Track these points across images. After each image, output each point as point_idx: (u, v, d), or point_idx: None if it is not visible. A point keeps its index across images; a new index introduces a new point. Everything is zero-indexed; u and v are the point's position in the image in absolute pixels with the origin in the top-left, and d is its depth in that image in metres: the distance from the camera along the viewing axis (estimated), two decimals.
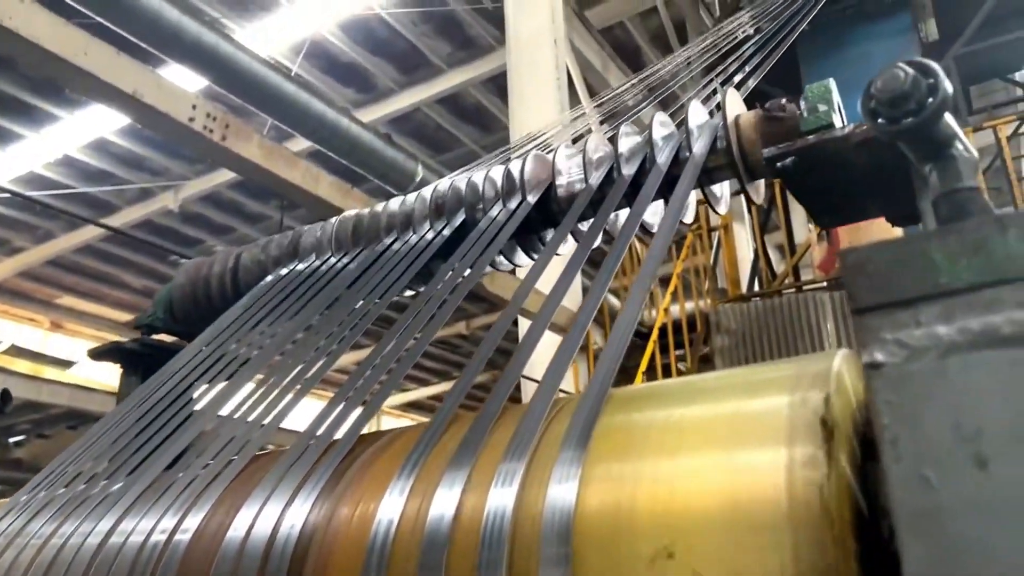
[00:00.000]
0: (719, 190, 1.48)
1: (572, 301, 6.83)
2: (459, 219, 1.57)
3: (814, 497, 0.65)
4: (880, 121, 0.79)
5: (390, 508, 0.86)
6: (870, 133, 1.11)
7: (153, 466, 1.22)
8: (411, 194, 1.77)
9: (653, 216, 1.51)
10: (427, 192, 1.64)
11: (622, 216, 1.55)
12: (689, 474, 0.73)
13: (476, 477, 0.85)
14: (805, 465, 0.67)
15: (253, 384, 1.48)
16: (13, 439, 10.49)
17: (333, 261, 1.66)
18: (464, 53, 13.87)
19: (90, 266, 18.05)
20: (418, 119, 15.26)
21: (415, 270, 1.52)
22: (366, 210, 1.71)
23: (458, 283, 1.45)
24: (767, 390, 0.77)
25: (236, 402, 1.41)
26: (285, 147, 4.78)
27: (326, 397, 1.31)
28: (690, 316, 8.56)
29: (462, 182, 1.60)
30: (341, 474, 0.98)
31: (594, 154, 1.50)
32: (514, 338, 6.54)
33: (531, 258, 1.58)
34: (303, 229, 1.77)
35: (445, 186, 1.62)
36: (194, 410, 1.49)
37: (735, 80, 5.26)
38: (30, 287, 18.72)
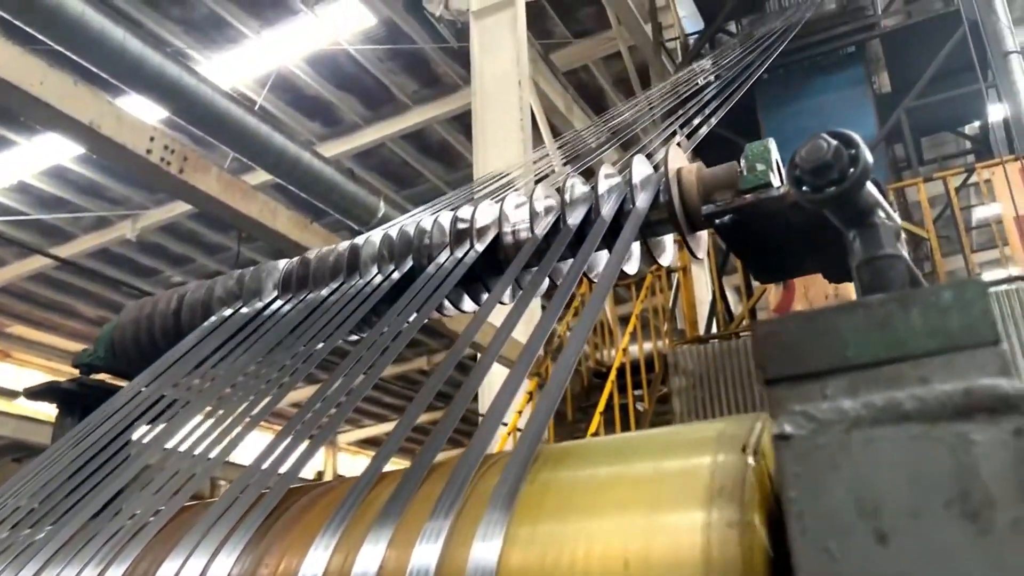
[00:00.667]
0: (663, 241, 1.50)
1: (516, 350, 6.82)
2: (407, 265, 1.57)
3: (732, 560, 0.66)
4: (804, 189, 0.81)
5: (313, 565, 0.85)
6: None
7: (80, 514, 1.18)
8: (360, 237, 1.77)
9: (627, 262, 1.53)
10: (375, 236, 1.64)
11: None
12: (610, 535, 0.73)
13: (403, 534, 0.85)
14: (724, 528, 0.68)
15: (189, 428, 1.45)
16: None
17: (278, 304, 1.65)
18: (430, 91, 13.98)
19: (42, 295, 17.67)
20: (383, 154, 15.31)
21: (360, 315, 1.51)
22: (313, 252, 1.70)
23: (403, 329, 1.45)
24: (691, 451, 0.78)
25: (171, 446, 1.38)
26: (243, 180, 4.75)
27: (275, 430, 1.30)
28: (648, 356, 8.61)
29: (411, 227, 1.60)
30: (268, 528, 0.96)
31: (541, 203, 1.52)
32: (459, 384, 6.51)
33: (477, 305, 1.58)
34: (249, 270, 1.76)
35: (394, 231, 1.62)
36: (129, 454, 1.46)
37: (694, 123, 5.37)
38: None
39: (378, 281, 1.56)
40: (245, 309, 1.70)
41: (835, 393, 0.55)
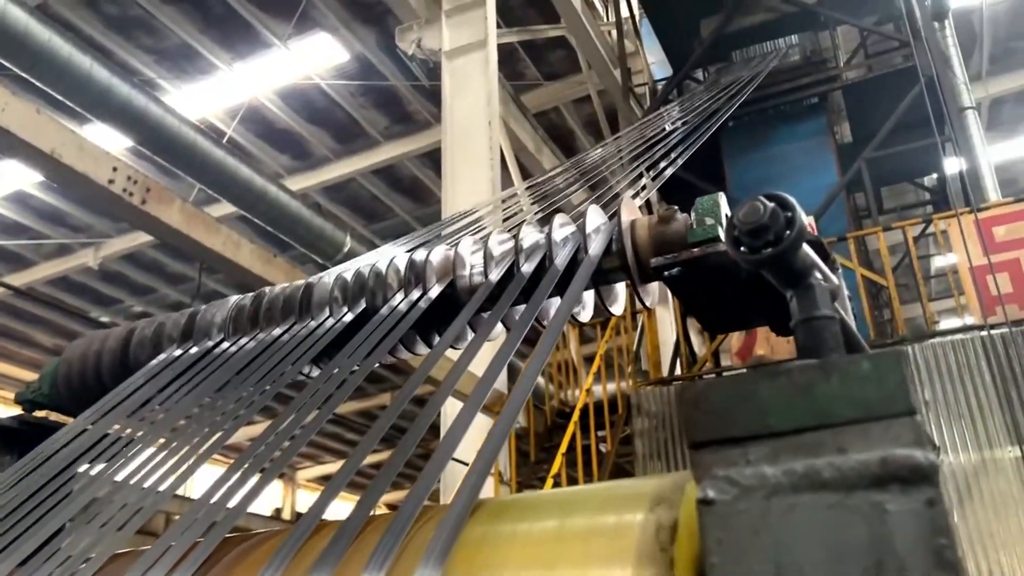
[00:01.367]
0: (615, 290, 1.52)
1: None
2: (360, 307, 1.56)
3: None
4: (742, 250, 0.83)
5: None
6: None
7: (7, 560, 1.15)
8: (315, 276, 1.76)
9: (580, 310, 1.54)
10: (329, 277, 1.63)
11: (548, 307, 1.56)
12: None
13: None
14: None
15: (133, 466, 1.42)
16: None
17: (228, 344, 1.63)
18: (401, 127, 14.06)
19: None
20: (352, 188, 15.31)
21: (310, 357, 1.50)
22: (267, 291, 1.69)
23: (353, 371, 1.44)
24: (625, 508, 0.77)
25: (112, 486, 1.35)
26: (207, 213, 4.72)
27: (228, 463, 1.28)
28: (612, 397, 8.62)
29: (366, 268, 1.60)
30: None
31: (496, 249, 1.53)
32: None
33: (430, 348, 1.58)
34: (201, 308, 1.74)
35: (350, 272, 1.62)
36: (70, 491, 1.42)
37: (660, 166, 5.46)
38: None
39: (330, 323, 1.55)
40: (195, 348, 1.67)
41: (757, 459, 0.56)
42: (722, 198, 1.36)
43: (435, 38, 9.50)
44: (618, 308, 1.50)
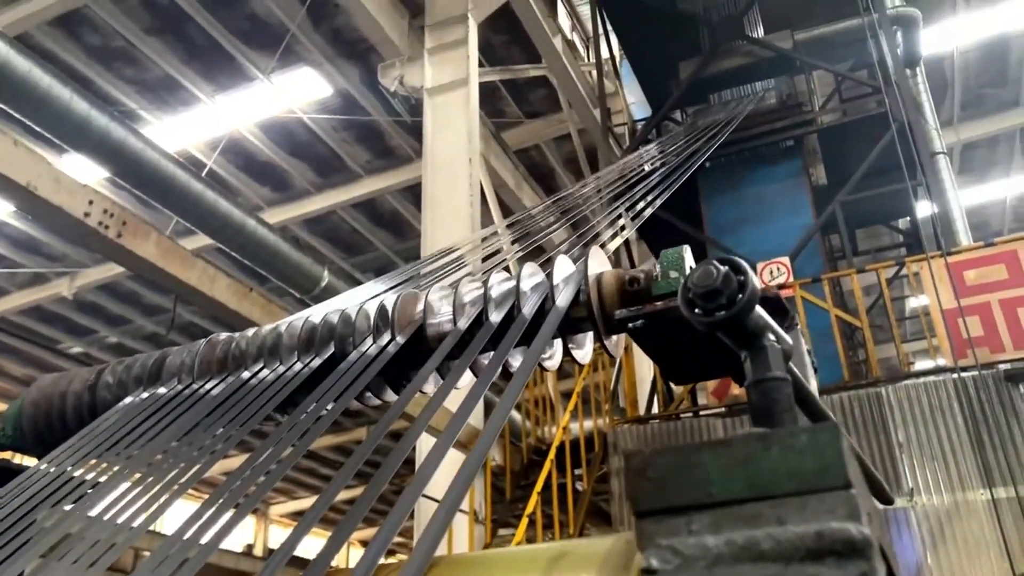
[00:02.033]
0: (583, 339, 1.53)
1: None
2: (328, 351, 1.56)
3: None
4: (696, 311, 0.85)
5: None
6: None
7: None
8: (285, 320, 1.77)
9: (548, 359, 1.55)
10: (299, 322, 1.63)
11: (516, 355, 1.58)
12: None
13: None
14: None
15: (96, 513, 1.41)
16: None
17: (196, 387, 1.62)
18: (383, 161, 14.12)
19: None
20: (333, 221, 15.32)
21: (277, 402, 1.50)
22: (236, 335, 1.69)
23: (320, 416, 1.44)
24: (577, 569, 0.78)
25: (72, 534, 1.33)
26: (183, 247, 4.70)
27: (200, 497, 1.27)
28: (589, 435, 8.61)
29: (335, 315, 1.61)
30: None
31: (465, 297, 1.54)
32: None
33: (398, 395, 1.58)
34: (170, 350, 1.73)
35: (318, 317, 1.63)
36: (29, 538, 1.40)
37: (639, 206, 5.52)
38: None
39: (298, 367, 1.55)
40: (162, 389, 1.67)
41: (700, 529, 0.57)
42: (687, 251, 1.39)
43: (417, 75, 9.60)
44: (585, 357, 1.51)
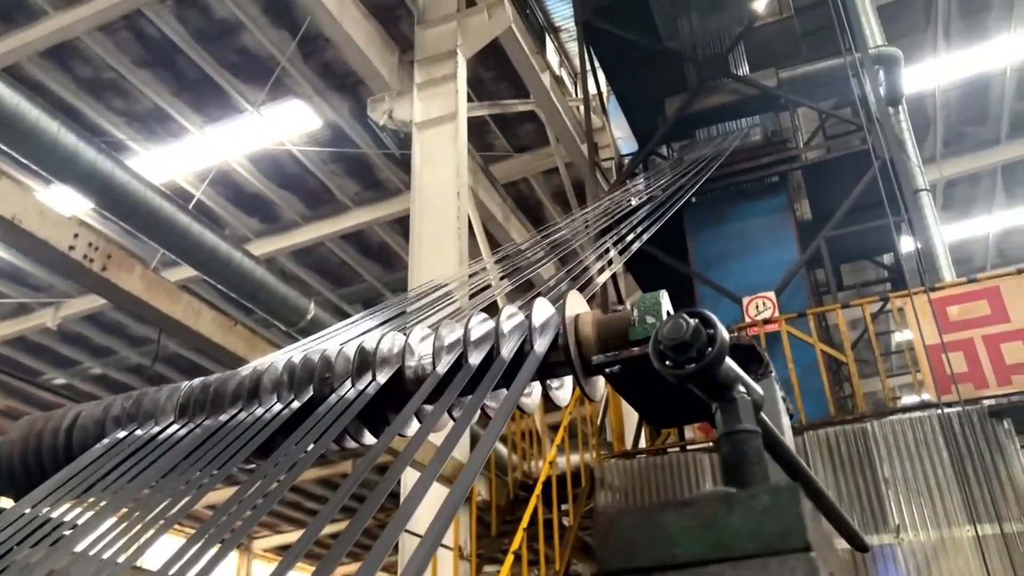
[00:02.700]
0: (564, 381, 1.53)
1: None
2: (307, 394, 1.56)
3: None
4: (667, 363, 0.85)
5: None
6: None
7: None
8: (266, 358, 1.76)
9: (527, 395, 1.55)
10: (279, 362, 1.63)
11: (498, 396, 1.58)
12: None
13: None
14: None
15: (73, 555, 1.39)
16: None
17: (174, 428, 1.62)
18: (372, 193, 14.17)
19: None
20: (321, 253, 15.31)
21: (255, 445, 1.49)
22: (215, 376, 1.68)
23: (299, 459, 1.43)
24: None
25: (56, 570, 1.32)
26: (168, 280, 4.69)
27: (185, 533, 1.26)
28: (576, 470, 8.55)
29: (315, 356, 1.60)
30: None
31: (446, 339, 1.54)
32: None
33: (376, 438, 1.58)
34: (149, 391, 1.73)
35: (298, 357, 1.62)
36: None
37: (626, 240, 5.56)
38: None
39: (277, 409, 1.55)
40: (140, 431, 1.66)
41: None
42: (664, 296, 1.40)
43: (406, 109, 9.67)
44: (564, 399, 1.51)
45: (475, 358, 1.47)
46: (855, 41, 8.94)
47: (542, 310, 1.49)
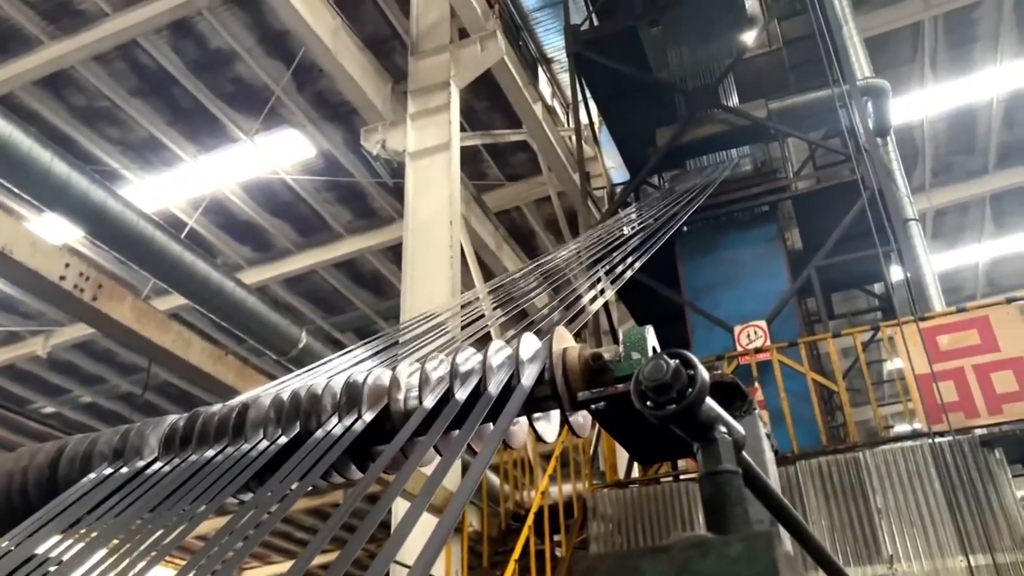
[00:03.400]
0: (551, 416, 1.54)
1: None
2: (294, 430, 1.56)
3: None
4: (648, 404, 0.86)
5: None
6: None
7: None
8: (253, 392, 1.76)
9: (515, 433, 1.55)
10: (266, 397, 1.63)
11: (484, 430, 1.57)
12: None
13: None
14: None
15: None
16: None
17: (160, 464, 1.61)
18: (365, 221, 14.20)
19: None
20: (313, 280, 15.31)
21: (243, 480, 1.49)
22: (203, 410, 1.68)
23: (286, 495, 1.43)
24: None
25: None
26: (158, 310, 4.69)
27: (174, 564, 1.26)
28: (568, 500, 8.50)
29: (302, 391, 1.60)
30: None
31: (433, 373, 1.55)
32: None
33: (363, 473, 1.57)
34: (135, 425, 1.72)
35: (285, 392, 1.62)
36: None
37: (618, 270, 5.57)
38: None
39: (263, 445, 1.54)
40: (126, 467, 1.65)
41: None
42: (650, 331, 1.41)
43: (400, 139, 9.72)
44: (551, 434, 1.51)
45: (462, 393, 1.48)
46: (843, 73, 9.04)
47: (529, 345, 1.50)
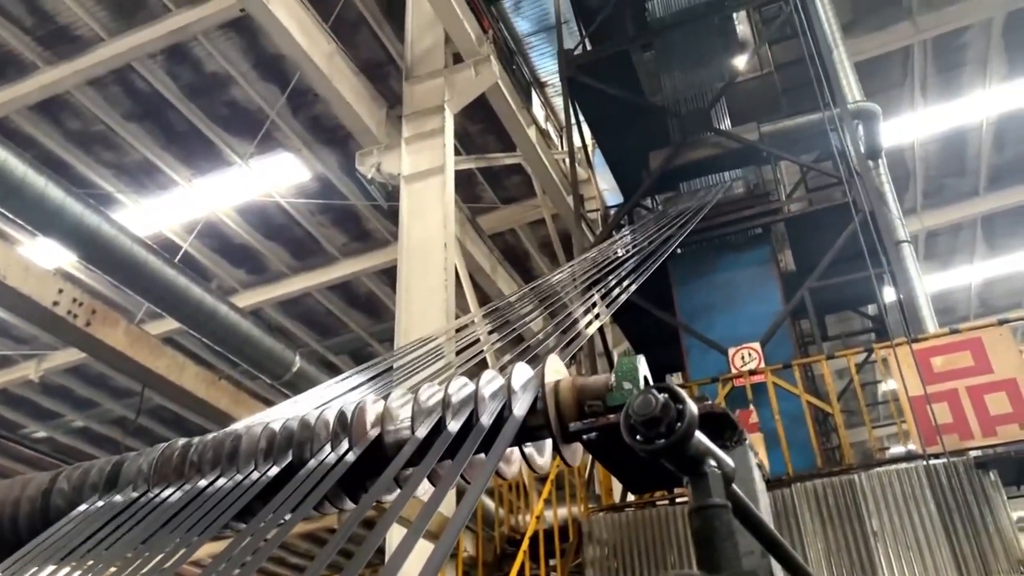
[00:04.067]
0: (543, 445, 1.54)
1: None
2: (286, 460, 1.56)
3: None
4: (638, 438, 0.87)
5: None
6: None
7: None
8: (244, 422, 1.76)
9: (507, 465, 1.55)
10: (258, 427, 1.63)
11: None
12: None
13: None
14: None
15: None
16: None
17: (152, 494, 1.61)
18: (359, 244, 14.22)
19: None
20: (308, 303, 15.29)
21: (235, 511, 1.48)
22: (195, 440, 1.68)
23: (279, 526, 1.43)
24: None
25: None
26: (151, 335, 4.68)
27: None
28: (564, 524, 8.45)
29: (294, 421, 1.61)
30: None
31: (424, 404, 1.55)
32: None
33: (355, 504, 1.57)
34: (127, 456, 1.72)
35: (277, 422, 1.62)
36: None
37: (613, 294, 5.58)
38: None
39: (256, 476, 1.54)
40: (118, 497, 1.65)
41: None
42: (641, 361, 1.41)
43: (394, 163, 9.77)
44: (544, 466, 1.51)
45: (454, 424, 1.48)
46: (834, 97, 9.12)
47: (521, 375, 1.50)
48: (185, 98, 11.16)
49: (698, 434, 0.88)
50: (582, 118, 11.19)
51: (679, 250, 8.94)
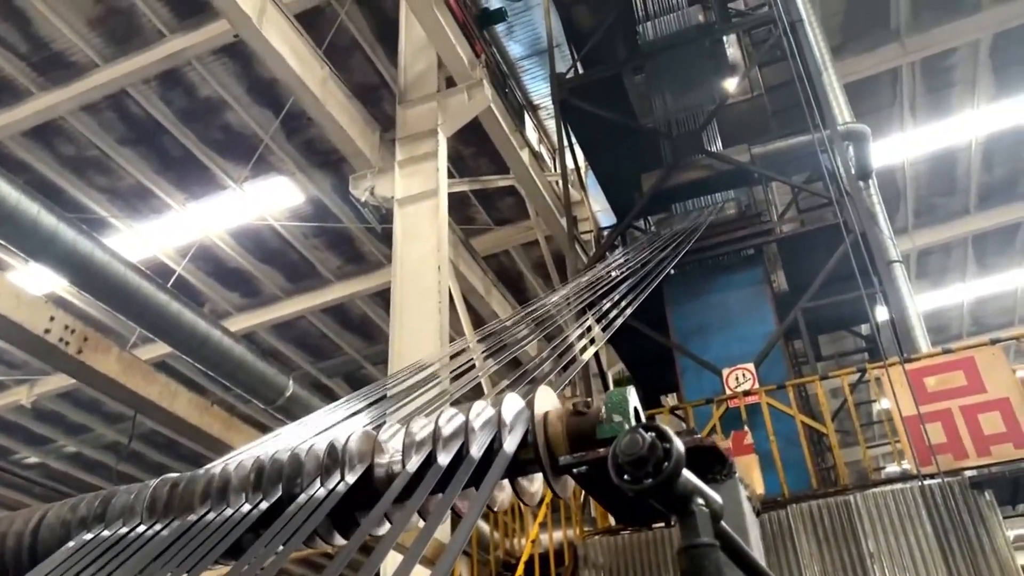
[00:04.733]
0: (535, 479, 1.53)
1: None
2: (276, 494, 1.55)
3: None
4: (626, 478, 0.87)
5: None
6: None
7: None
8: (234, 454, 1.76)
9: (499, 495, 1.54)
10: (248, 461, 1.63)
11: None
12: None
13: None
14: None
15: None
16: None
17: (142, 529, 1.60)
18: (353, 267, 14.22)
19: None
20: (302, 326, 15.27)
21: (225, 546, 1.48)
22: (186, 475, 1.67)
23: (270, 560, 1.42)
24: None
25: None
26: (144, 362, 4.66)
27: None
28: (559, 547, 8.40)
29: (284, 454, 1.60)
30: None
31: (415, 436, 1.54)
32: None
33: (346, 538, 1.56)
34: (117, 489, 1.71)
35: (267, 455, 1.62)
36: None
37: (608, 317, 5.59)
38: None
39: (246, 510, 1.53)
40: (107, 532, 1.63)
41: None
42: (631, 393, 1.42)
43: (388, 186, 9.79)
44: (535, 498, 1.51)
45: (444, 458, 1.47)
46: (824, 118, 9.19)
47: (512, 406, 1.50)
48: (179, 123, 11.20)
49: (686, 472, 0.88)
50: (575, 140, 11.25)
51: (673, 271, 8.96)
